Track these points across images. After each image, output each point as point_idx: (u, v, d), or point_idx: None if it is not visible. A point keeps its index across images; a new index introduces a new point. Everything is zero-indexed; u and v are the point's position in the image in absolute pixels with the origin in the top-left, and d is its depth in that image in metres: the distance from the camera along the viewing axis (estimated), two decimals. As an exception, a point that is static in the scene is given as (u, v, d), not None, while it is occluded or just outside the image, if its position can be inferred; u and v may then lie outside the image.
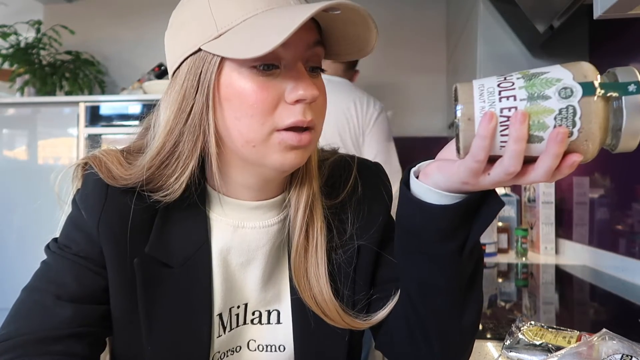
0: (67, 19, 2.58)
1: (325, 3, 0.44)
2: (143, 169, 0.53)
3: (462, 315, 0.51)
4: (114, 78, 2.70)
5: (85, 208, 0.54)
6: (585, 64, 0.38)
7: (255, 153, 0.51)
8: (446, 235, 0.46)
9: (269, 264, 0.60)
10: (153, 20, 2.62)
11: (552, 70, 0.38)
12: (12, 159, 2.34)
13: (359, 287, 0.61)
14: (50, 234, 0.61)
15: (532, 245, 1.76)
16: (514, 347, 0.67)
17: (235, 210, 0.58)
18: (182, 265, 0.56)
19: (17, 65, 2.46)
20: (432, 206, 0.45)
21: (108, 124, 2.25)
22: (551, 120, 0.37)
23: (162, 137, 0.53)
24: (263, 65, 0.49)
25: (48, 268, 0.55)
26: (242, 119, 0.50)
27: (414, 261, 0.51)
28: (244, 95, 0.49)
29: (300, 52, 0.51)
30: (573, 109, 0.36)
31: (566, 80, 0.37)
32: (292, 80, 0.50)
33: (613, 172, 1.34)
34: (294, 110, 0.49)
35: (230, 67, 0.50)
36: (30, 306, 0.52)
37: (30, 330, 0.50)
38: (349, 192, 0.62)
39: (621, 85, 0.36)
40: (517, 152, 0.37)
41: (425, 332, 0.54)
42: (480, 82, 0.40)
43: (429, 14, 2.44)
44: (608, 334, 0.57)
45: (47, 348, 0.49)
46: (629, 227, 1.24)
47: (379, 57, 2.46)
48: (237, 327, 0.60)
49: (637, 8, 0.69)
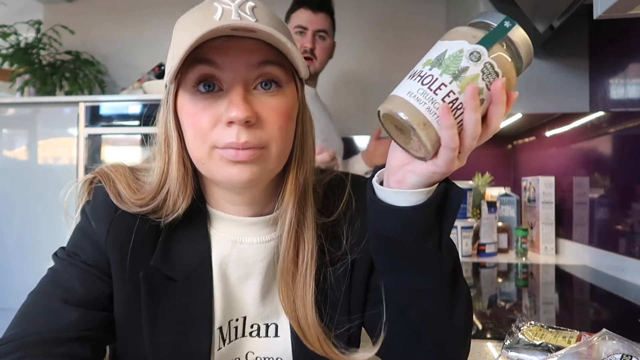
0: (67, 19, 2.58)
1: (218, 25, 0.48)
2: (147, 199, 0.57)
3: (452, 314, 0.52)
4: (114, 78, 2.70)
5: (95, 219, 0.57)
6: (461, 28, 0.44)
7: (205, 170, 0.55)
8: (423, 234, 0.47)
9: (266, 279, 0.62)
10: (153, 20, 2.62)
11: (447, 47, 0.43)
12: (12, 159, 2.34)
13: (354, 302, 0.62)
14: (49, 234, 0.63)
15: (532, 245, 1.76)
16: (514, 347, 0.67)
17: (233, 227, 0.61)
18: (185, 279, 0.58)
19: (17, 65, 2.46)
20: (406, 208, 0.46)
21: (108, 124, 2.25)
22: (481, 81, 0.42)
23: (159, 165, 0.58)
24: (203, 88, 0.53)
25: (55, 274, 0.56)
26: (190, 139, 0.55)
27: (396, 270, 0.51)
28: (188, 117, 0.54)
29: (241, 73, 0.53)
30: (490, 64, 0.42)
31: (467, 47, 0.42)
32: (228, 101, 0.52)
33: (613, 172, 1.34)
34: (229, 131, 0.52)
35: (182, 92, 0.55)
36: (37, 309, 0.53)
37: (37, 331, 0.51)
38: (343, 209, 0.63)
39: (501, 27, 0.43)
40: (477, 118, 0.42)
41: (418, 335, 0.54)
42: (403, 92, 0.43)
43: (428, 13, 2.44)
44: (608, 334, 0.57)
45: (52, 350, 0.50)
46: (629, 227, 1.24)
47: (378, 57, 2.46)
48: (235, 339, 0.62)
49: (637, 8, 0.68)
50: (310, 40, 1.56)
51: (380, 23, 2.48)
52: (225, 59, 0.52)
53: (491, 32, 0.43)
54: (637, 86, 1.19)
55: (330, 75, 2.07)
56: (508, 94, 0.43)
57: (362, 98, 2.42)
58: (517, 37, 0.43)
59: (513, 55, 0.44)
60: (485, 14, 0.44)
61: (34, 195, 2.26)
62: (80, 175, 2.23)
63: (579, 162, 1.57)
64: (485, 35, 0.43)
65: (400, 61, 2.41)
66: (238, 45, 0.52)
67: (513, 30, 0.43)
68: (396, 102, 0.43)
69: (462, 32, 0.44)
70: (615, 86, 1.31)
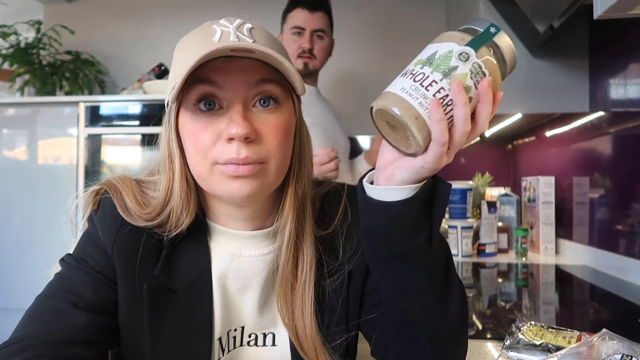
0: (67, 19, 2.58)
1: (218, 46, 0.50)
2: (153, 214, 0.58)
3: (447, 309, 0.52)
4: (114, 78, 2.70)
5: (103, 229, 0.58)
6: (450, 32, 0.47)
7: (206, 185, 0.57)
8: (414, 228, 0.48)
9: (264, 291, 0.63)
10: (153, 20, 2.62)
11: (437, 48, 0.46)
12: (12, 159, 2.34)
13: (351, 311, 0.63)
14: (49, 234, 0.63)
15: (532, 245, 1.76)
16: (514, 347, 0.67)
17: (232, 240, 0.62)
18: (186, 291, 0.59)
19: (17, 65, 2.46)
20: (394, 203, 0.47)
21: (108, 124, 2.25)
22: (469, 80, 0.44)
23: (164, 182, 0.59)
24: (204, 106, 0.55)
25: (63, 279, 0.58)
26: (192, 156, 0.57)
27: (389, 267, 0.52)
28: (190, 134, 0.56)
29: (240, 91, 0.55)
30: (477, 64, 0.45)
31: (456, 48, 0.45)
32: (228, 119, 0.54)
33: (613, 172, 1.34)
34: (230, 148, 0.54)
35: (183, 111, 0.57)
36: (45, 311, 0.54)
37: (46, 333, 0.51)
38: (340, 220, 0.65)
39: (487, 32, 0.46)
40: (466, 113, 0.44)
41: (414, 332, 0.54)
42: (396, 88, 0.45)
43: (428, 14, 2.44)
44: (608, 334, 0.57)
45: (61, 351, 0.50)
46: (629, 227, 1.24)
47: (379, 58, 2.46)
48: (234, 348, 0.63)
49: (637, 8, 0.68)
50: (308, 40, 1.54)
51: (379, 24, 2.49)
52: (225, 78, 0.54)
53: (478, 36, 0.46)
54: (637, 86, 1.19)
55: (329, 76, 2.07)
56: (494, 94, 0.45)
57: (360, 98, 2.41)
58: (502, 43, 0.47)
59: (498, 59, 0.47)
60: (472, 21, 0.48)
61: (34, 195, 2.26)
62: (80, 175, 2.23)
63: (579, 162, 1.57)
64: (473, 38, 0.45)
65: (398, 62, 2.39)
66: (237, 65, 0.54)
67: (498, 36, 0.46)
68: (389, 98, 0.45)
69: (451, 35, 0.46)
70: (615, 86, 1.31)
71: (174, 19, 2.56)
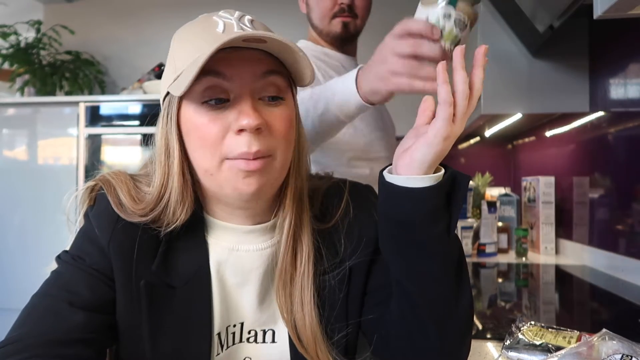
0: (67, 19, 2.58)
1: (232, 36, 0.49)
2: (147, 210, 0.57)
3: (457, 301, 0.54)
4: (114, 78, 2.70)
5: (98, 226, 0.57)
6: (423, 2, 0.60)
7: (213, 181, 0.56)
8: (435, 216, 0.50)
9: (263, 286, 0.63)
10: (153, 20, 2.63)
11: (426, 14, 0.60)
12: (12, 159, 2.35)
13: (352, 308, 0.63)
14: (49, 234, 0.63)
15: (532, 245, 1.76)
16: (514, 347, 0.67)
17: (230, 234, 0.62)
18: (184, 286, 0.59)
19: (17, 65, 2.47)
20: (420, 189, 0.49)
21: (108, 124, 2.25)
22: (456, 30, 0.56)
23: (159, 176, 0.58)
24: (212, 100, 0.53)
25: (60, 277, 0.57)
26: (197, 151, 0.55)
27: (405, 254, 0.54)
28: (196, 128, 0.54)
29: (248, 83, 0.54)
30: (459, 18, 0.56)
31: (439, 12, 0.57)
32: (237, 111, 0.53)
33: (613, 172, 1.34)
34: (240, 141, 0.53)
35: (186, 104, 0.55)
36: (42, 311, 0.53)
37: (43, 332, 0.51)
38: (341, 216, 0.65)
39: None
40: (465, 76, 0.49)
41: (423, 326, 0.55)
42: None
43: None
44: (608, 334, 0.57)
45: (59, 351, 0.50)
46: (629, 227, 1.24)
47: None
48: (233, 345, 0.62)
49: (637, 8, 0.68)
50: None
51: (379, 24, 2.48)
52: (232, 70, 0.53)
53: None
54: (637, 86, 1.19)
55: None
56: (484, 48, 0.50)
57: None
58: None
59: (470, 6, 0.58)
60: None
61: (34, 195, 2.26)
62: (80, 175, 2.23)
63: (579, 162, 1.57)
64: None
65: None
66: (242, 56, 0.54)
67: None
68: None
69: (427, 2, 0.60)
70: (615, 86, 1.31)
71: (174, 19, 2.55)
